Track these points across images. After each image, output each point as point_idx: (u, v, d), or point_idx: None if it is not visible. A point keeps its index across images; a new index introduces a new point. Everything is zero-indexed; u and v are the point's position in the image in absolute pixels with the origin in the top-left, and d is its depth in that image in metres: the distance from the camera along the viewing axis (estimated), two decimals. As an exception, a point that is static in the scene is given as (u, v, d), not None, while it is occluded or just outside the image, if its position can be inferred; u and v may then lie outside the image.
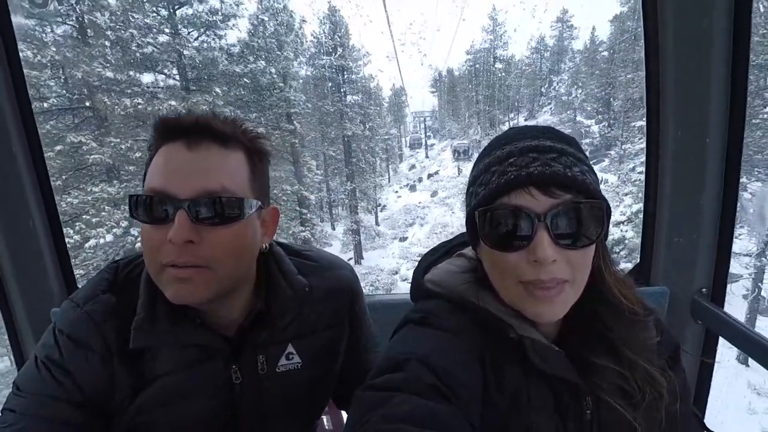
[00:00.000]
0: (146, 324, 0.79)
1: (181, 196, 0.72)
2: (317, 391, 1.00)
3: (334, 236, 22.22)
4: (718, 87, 1.25)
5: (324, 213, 23.57)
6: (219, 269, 0.76)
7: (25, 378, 0.79)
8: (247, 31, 13.92)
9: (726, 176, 1.31)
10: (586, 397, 0.73)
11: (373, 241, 20.77)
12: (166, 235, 0.72)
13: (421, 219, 23.01)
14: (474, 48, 35.65)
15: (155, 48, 13.23)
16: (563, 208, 0.65)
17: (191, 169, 0.74)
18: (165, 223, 0.73)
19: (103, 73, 12.18)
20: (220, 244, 0.75)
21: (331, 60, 19.22)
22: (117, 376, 0.80)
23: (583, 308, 0.73)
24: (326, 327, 0.99)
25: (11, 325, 1.51)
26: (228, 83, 13.54)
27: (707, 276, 1.42)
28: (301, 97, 15.53)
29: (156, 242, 0.73)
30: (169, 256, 0.73)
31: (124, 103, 12.33)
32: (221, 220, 0.75)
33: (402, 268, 18.18)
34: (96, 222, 12.11)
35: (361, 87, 22.47)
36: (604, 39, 26.45)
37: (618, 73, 24.67)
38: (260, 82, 13.94)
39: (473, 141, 33.39)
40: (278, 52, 14.42)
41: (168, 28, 13.39)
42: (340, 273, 1.03)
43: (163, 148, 0.76)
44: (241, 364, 0.88)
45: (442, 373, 0.64)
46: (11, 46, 1.39)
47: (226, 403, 0.87)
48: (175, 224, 0.71)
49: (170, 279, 0.74)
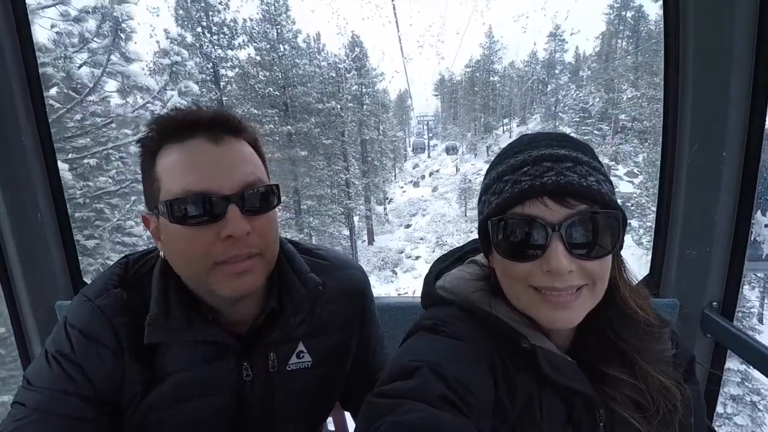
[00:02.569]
0: (161, 320, 0.79)
1: (227, 192, 0.74)
2: (325, 390, 1.00)
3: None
4: (736, 102, 1.23)
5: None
6: (268, 255, 0.81)
7: (36, 372, 0.79)
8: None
9: (742, 190, 1.30)
10: (599, 410, 0.72)
11: (382, 227, 25.52)
12: (215, 233, 0.73)
13: (423, 210, 26.90)
14: (472, 61, 38.79)
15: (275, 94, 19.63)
16: (578, 219, 0.64)
17: (227, 163, 0.75)
18: (216, 221, 0.73)
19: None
20: (267, 230, 0.79)
21: (359, 82, 24.54)
22: (128, 371, 0.80)
23: (598, 318, 0.72)
24: (338, 328, 0.99)
25: (17, 317, 1.51)
26: (315, 114, 20.76)
27: (718, 290, 1.40)
28: (348, 118, 21.13)
29: (205, 242, 0.74)
30: (227, 252, 0.74)
31: (264, 129, 18.15)
32: (265, 208, 0.79)
33: (406, 249, 22.04)
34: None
35: (377, 99, 27.18)
36: (592, 53, 27.48)
37: (595, 87, 25.97)
38: (331, 112, 21.20)
39: (468, 141, 36.41)
40: (339, 94, 21.23)
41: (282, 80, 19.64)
42: (352, 273, 1.03)
43: (180, 146, 0.75)
44: (252, 361, 0.88)
45: (453, 382, 0.63)
46: (26, 43, 1.39)
47: (236, 399, 0.87)
48: (230, 219, 0.72)
49: (227, 275, 0.75)
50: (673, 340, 0.79)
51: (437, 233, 24.14)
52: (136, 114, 9.92)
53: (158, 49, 15.14)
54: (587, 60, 30.99)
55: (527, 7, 23.65)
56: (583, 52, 29.45)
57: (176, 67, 10.63)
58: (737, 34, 1.19)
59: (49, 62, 8.23)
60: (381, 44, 35.89)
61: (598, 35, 29.31)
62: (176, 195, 0.72)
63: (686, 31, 1.26)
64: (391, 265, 21.24)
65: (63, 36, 8.82)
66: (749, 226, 1.31)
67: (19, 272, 1.47)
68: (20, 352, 1.54)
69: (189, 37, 17.18)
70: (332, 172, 20.12)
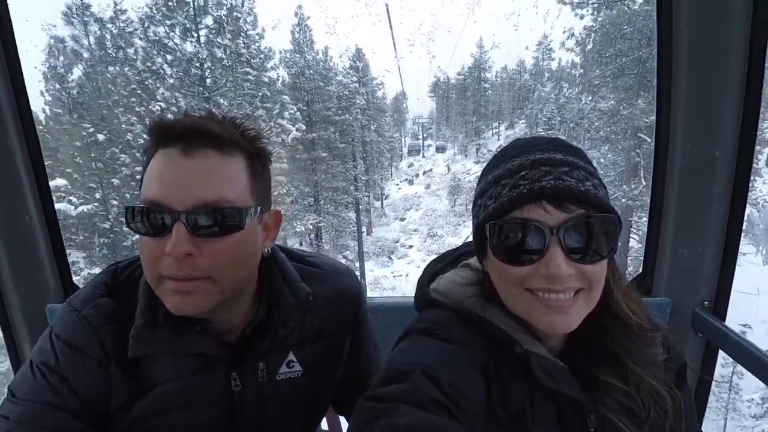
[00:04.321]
0: (146, 332, 0.77)
1: (177, 208, 0.69)
2: (317, 398, 0.99)
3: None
4: (730, 100, 1.23)
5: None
6: (220, 279, 0.74)
7: (21, 383, 0.77)
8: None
9: (734, 190, 1.30)
10: (590, 415, 0.72)
11: (380, 219, 29.10)
12: (164, 246, 0.69)
13: (417, 205, 30.31)
14: (464, 69, 40.75)
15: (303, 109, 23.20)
16: (576, 223, 0.64)
17: (187, 178, 0.70)
18: (163, 235, 0.70)
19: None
20: (220, 254, 0.73)
21: (361, 91, 28.21)
22: (114, 382, 0.79)
23: (591, 322, 0.72)
24: (329, 335, 0.97)
25: (6, 320, 1.49)
26: (332, 124, 24.50)
27: (710, 289, 1.41)
28: (356, 125, 25.71)
29: (154, 254, 0.71)
30: (168, 269, 0.70)
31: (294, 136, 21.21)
32: (221, 231, 0.72)
33: (401, 239, 26.28)
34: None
35: (376, 105, 31.22)
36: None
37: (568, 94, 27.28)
38: (344, 122, 25.16)
39: (459, 143, 39.66)
40: (351, 108, 25.85)
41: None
42: (344, 280, 1.02)
43: (158, 154, 0.73)
44: (241, 371, 0.86)
45: (446, 385, 0.63)
46: (9, 43, 1.37)
47: (225, 410, 0.86)
48: (173, 237, 0.68)
49: (169, 291, 0.72)
50: (665, 344, 0.79)
51: (429, 226, 26.84)
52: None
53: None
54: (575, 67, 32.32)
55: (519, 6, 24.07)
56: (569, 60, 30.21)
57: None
58: (731, 32, 1.19)
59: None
60: (371, 43, 36.45)
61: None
62: (139, 203, 0.71)
63: (679, 29, 1.25)
64: (387, 252, 24.93)
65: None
66: (742, 225, 1.32)
67: (8, 276, 1.45)
68: (11, 356, 1.53)
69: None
70: (344, 169, 24.22)
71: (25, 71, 1.41)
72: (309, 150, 22.78)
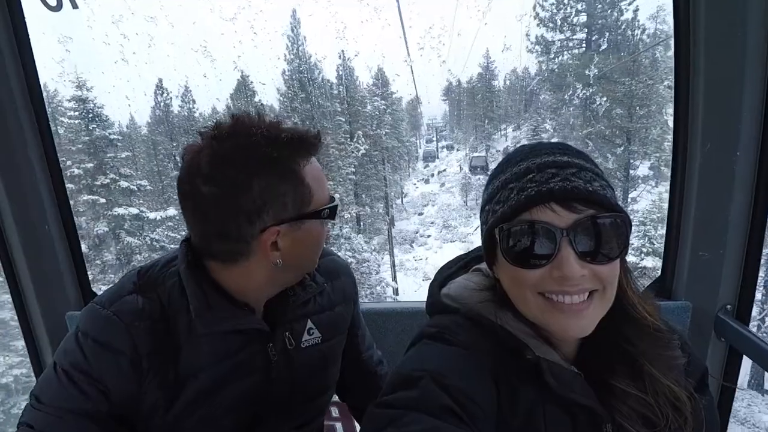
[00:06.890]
0: (205, 312, 0.80)
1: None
2: (332, 363, 1.07)
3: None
4: (750, 100, 1.19)
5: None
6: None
7: (46, 388, 0.76)
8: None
9: (756, 190, 1.26)
10: (606, 424, 0.70)
11: (400, 214, 34.41)
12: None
13: (433, 202, 35.55)
14: (473, 78, 43.01)
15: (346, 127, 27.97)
16: (587, 223, 0.63)
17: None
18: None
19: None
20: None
21: (383, 105, 32.50)
22: (146, 379, 0.78)
23: (606, 326, 0.70)
24: (338, 302, 1.07)
25: (29, 329, 1.53)
26: (368, 138, 28.67)
27: (732, 292, 1.36)
28: (383, 136, 30.19)
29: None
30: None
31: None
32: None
33: (420, 230, 31.02)
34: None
35: (397, 117, 35.41)
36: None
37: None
38: (377, 134, 29.58)
39: (470, 145, 42.68)
40: (382, 124, 30.56)
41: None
42: (333, 258, 1.12)
43: (311, 162, 0.85)
44: (274, 342, 0.91)
45: (456, 392, 0.62)
46: (26, 54, 1.41)
47: (265, 380, 0.91)
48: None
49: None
50: (684, 349, 0.77)
51: (444, 218, 31.79)
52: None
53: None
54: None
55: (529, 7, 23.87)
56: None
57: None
58: (750, 29, 1.16)
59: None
60: (381, 47, 37.44)
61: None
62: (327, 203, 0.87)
63: (697, 27, 1.22)
64: (408, 241, 30.85)
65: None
66: (764, 227, 1.27)
67: (29, 284, 1.49)
68: (33, 364, 1.56)
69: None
70: (375, 171, 29.64)
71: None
72: (350, 157, 27.85)
